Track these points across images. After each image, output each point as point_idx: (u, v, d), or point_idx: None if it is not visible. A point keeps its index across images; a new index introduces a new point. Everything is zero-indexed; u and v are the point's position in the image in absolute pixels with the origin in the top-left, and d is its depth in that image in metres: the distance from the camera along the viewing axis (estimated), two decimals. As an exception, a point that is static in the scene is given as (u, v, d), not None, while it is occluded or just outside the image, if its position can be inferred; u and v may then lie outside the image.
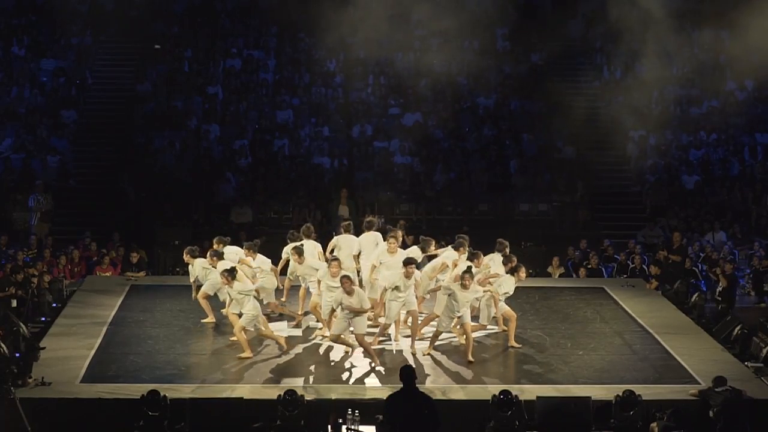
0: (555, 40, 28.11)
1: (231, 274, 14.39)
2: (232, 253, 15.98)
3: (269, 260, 16.27)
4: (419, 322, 15.10)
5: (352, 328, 14.37)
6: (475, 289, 14.52)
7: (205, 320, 16.05)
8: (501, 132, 26.32)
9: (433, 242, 15.99)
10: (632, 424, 12.71)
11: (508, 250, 15.85)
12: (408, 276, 14.61)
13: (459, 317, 14.44)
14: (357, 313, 14.16)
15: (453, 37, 27.26)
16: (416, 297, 15.19)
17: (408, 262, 14.73)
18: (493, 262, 15.73)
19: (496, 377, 14.05)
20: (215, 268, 15.43)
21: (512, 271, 15.24)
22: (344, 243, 16.10)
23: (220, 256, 15.59)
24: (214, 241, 16.33)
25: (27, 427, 12.24)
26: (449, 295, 14.43)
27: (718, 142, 26.47)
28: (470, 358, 14.48)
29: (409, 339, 15.06)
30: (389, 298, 14.71)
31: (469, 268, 14.70)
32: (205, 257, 15.85)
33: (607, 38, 27.02)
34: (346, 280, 14.19)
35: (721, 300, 18.29)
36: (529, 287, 16.62)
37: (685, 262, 20.43)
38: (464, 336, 14.66)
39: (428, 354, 14.72)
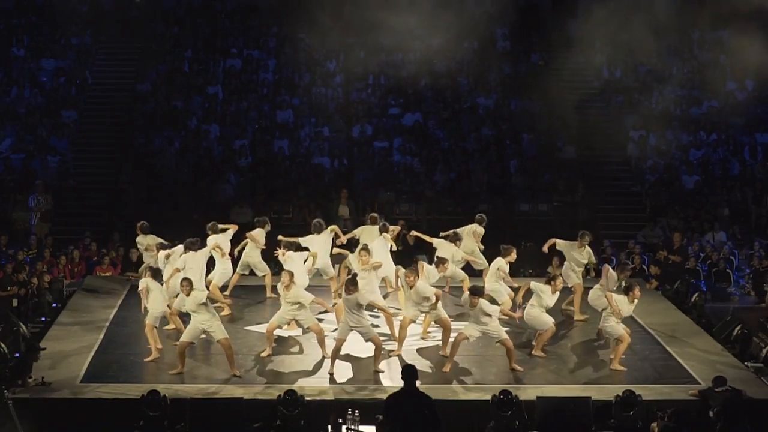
0: (555, 40, 28.11)
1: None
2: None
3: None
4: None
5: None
6: None
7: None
8: (501, 132, 26.33)
9: None
10: (632, 424, 12.71)
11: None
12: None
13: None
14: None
15: (453, 37, 27.26)
16: None
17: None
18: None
19: (496, 377, 14.05)
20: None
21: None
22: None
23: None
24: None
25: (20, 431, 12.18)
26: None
27: (718, 142, 26.47)
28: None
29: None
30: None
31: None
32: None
33: (607, 38, 27.02)
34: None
35: None
36: (528, 287, 16.59)
37: (685, 262, 20.47)
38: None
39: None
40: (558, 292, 14.87)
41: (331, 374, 13.99)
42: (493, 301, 15.09)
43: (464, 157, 25.43)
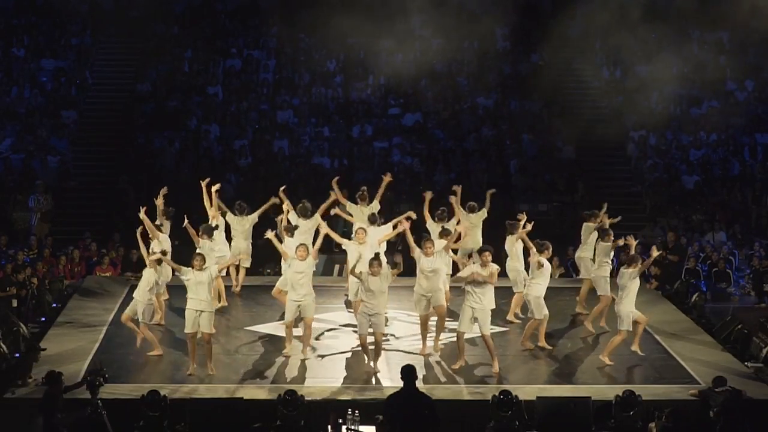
0: (555, 40, 28.13)
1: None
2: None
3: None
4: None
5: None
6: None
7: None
8: (501, 132, 26.33)
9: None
10: (632, 424, 12.71)
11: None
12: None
13: None
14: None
15: (453, 37, 27.28)
16: None
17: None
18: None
19: (496, 377, 14.05)
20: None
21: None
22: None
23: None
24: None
25: None
26: None
27: (718, 142, 26.49)
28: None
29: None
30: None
31: None
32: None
33: (607, 38, 27.06)
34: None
35: None
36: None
37: (682, 261, 20.50)
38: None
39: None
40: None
41: (376, 373, 13.96)
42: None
43: (464, 157, 25.44)
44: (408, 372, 10.95)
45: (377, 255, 14.30)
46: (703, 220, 23.82)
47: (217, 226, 16.52)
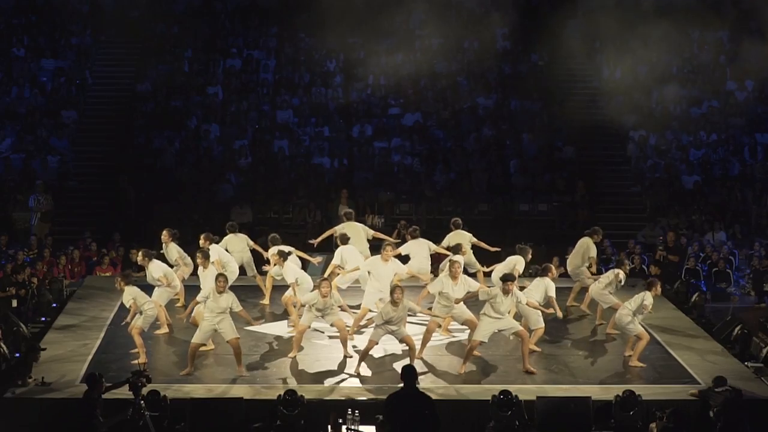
0: (555, 40, 28.15)
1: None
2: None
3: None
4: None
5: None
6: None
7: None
8: (501, 132, 26.32)
9: None
10: (632, 424, 12.71)
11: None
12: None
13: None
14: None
15: (453, 37, 27.26)
16: None
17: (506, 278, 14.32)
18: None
19: (496, 377, 14.06)
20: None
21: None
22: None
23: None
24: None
25: None
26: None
27: (718, 142, 26.48)
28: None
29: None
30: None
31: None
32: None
33: (606, 38, 27.06)
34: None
35: None
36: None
37: (683, 261, 20.49)
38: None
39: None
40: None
41: (358, 374, 13.97)
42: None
43: (464, 157, 25.43)
44: (408, 372, 10.95)
45: (398, 287, 13.96)
46: (703, 220, 23.82)
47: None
